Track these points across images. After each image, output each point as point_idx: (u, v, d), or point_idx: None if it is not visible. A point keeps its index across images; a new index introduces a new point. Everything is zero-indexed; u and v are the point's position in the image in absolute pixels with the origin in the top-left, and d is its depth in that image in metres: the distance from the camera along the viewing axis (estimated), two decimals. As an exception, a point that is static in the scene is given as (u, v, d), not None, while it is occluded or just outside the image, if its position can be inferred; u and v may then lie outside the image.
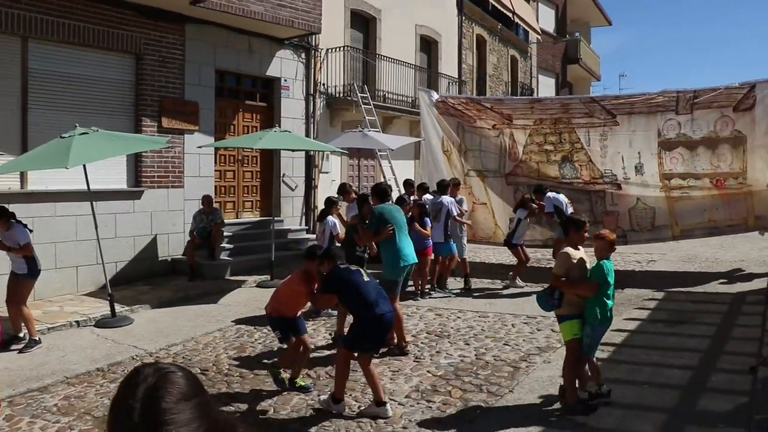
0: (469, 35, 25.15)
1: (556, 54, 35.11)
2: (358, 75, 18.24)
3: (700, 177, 12.85)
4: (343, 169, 17.89)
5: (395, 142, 15.21)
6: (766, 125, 12.32)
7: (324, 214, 10.46)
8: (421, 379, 6.93)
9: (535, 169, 13.76)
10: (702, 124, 12.74)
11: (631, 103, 13.28)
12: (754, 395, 6.08)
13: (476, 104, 14.40)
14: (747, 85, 12.45)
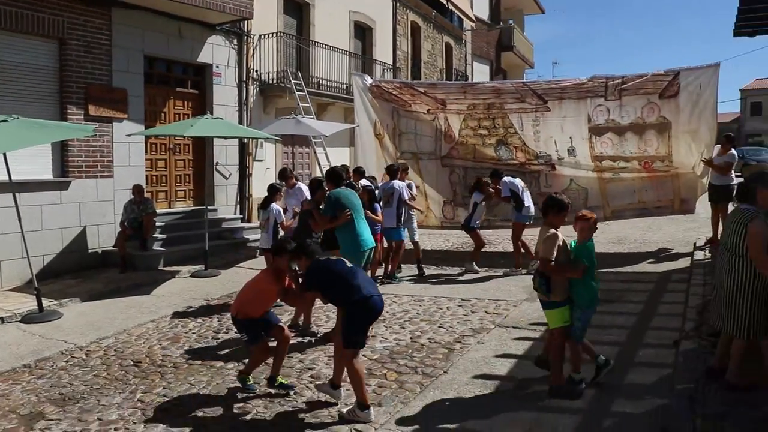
0: (403, 22, 25.14)
1: (490, 41, 35.40)
2: (292, 61, 18.07)
3: (630, 159, 13.13)
4: (277, 156, 17.71)
5: (329, 129, 15.12)
6: (690, 112, 12.65)
7: (267, 201, 10.13)
8: (357, 363, 6.92)
9: (471, 151, 13.83)
10: (630, 110, 13.01)
11: (561, 89, 13.45)
12: (676, 367, 6.27)
13: (410, 89, 14.40)
14: (671, 72, 12.76)
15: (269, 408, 5.84)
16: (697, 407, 5.26)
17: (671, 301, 9.05)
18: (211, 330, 8.47)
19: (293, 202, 10.79)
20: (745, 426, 4.90)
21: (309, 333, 8.10)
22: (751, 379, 5.61)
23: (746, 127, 65.79)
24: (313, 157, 17.73)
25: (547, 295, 5.85)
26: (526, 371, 6.51)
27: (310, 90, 17.63)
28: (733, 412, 5.14)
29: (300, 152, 18.70)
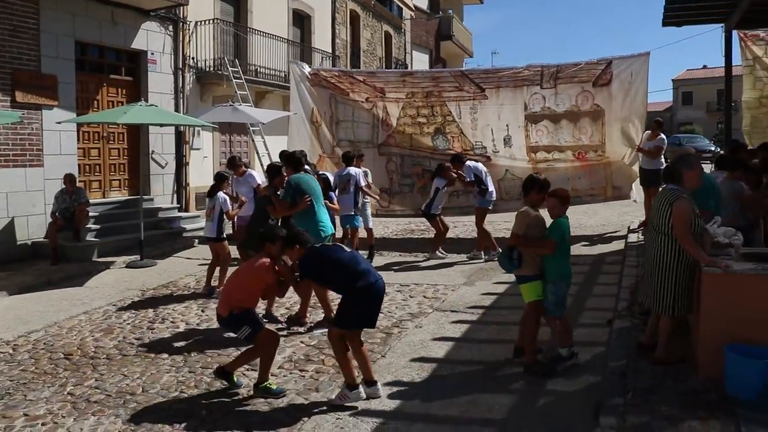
0: (342, 10, 25.02)
1: (429, 30, 35.48)
2: (230, 49, 17.85)
3: (564, 150, 13.36)
4: (215, 145, 17.49)
5: (267, 116, 14.97)
6: (622, 100, 12.95)
7: (214, 189, 9.82)
8: (295, 350, 6.88)
9: (408, 139, 13.84)
10: (565, 98, 13.25)
11: (498, 77, 13.60)
12: (609, 345, 6.42)
13: (349, 77, 14.35)
14: (604, 61, 13.03)
15: (206, 397, 5.76)
16: (628, 383, 5.38)
17: (605, 282, 9.25)
18: (146, 320, 8.31)
19: (244, 190, 10.56)
20: (672, 398, 5.04)
21: (300, 323, 7.87)
22: (678, 354, 5.77)
23: (678, 115, 67.53)
24: (251, 146, 17.53)
25: (512, 270, 6.06)
26: (463, 353, 6.58)
27: (248, 78, 17.43)
28: (661, 385, 5.29)
29: (238, 141, 18.49)
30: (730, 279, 5.23)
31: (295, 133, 14.19)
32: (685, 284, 5.61)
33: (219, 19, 17.28)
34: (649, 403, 4.99)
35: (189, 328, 7.90)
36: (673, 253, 5.59)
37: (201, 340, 7.40)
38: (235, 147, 18.32)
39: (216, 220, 9.50)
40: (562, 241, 5.93)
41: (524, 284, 6.05)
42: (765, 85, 14.17)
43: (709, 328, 5.33)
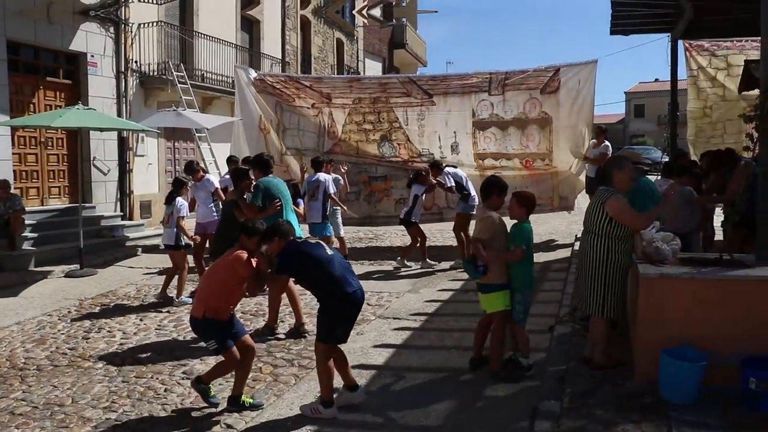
0: (293, 16, 24.83)
1: (383, 38, 35.50)
2: (175, 53, 17.53)
3: (511, 157, 13.37)
4: (160, 151, 17.17)
5: (212, 122, 14.71)
6: (569, 107, 12.99)
7: (172, 195, 9.51)
8: (231, 358, 6.70)
9: (354, 147, 13.71)
10: (513, 105, 13.26)
11: (446, 84, 13.58)
12: (549, 351, 6.42)
13: (295, 82, 14.17)
14: (552, 68, 13.09)
15: (137, 407, 5.60)
16: (566, 387, 5.36)
17: (550, 289, 9.23)
18: (81, 330, 8.07)
19: (202, 195, 10.30)
20: (609, 402, 5.02)
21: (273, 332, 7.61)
22: (616, 358, 5.75)
23: (631, 127, 68.62)
24: (197, 153, 17.24)
25: (477, 277, 5.81)
26: (403, 360, 6.53)
27: (193, 83, 17.17)
28: (598, 390, 5.28)
29: (184, 147, 18.18)
30: (667, 282, 5.22)
31: (240, 140, 13.91)
32: (614, 286, 5.60)
33: (163, 22, 16.97)
34: (585, 407, 4.97)
35: (125, 338, 7.68)
36: (602, 252, 5.59)
37: (137, 349, 7.21)
38: (181, 153, 18.02)
39: (174, 226, 9.24)
40: (528, 246, 5.83)
41: (491, 293, 5.82)
42: (709, 96, 14.42)
43: (646, 332, 5.32)
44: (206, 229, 10.05)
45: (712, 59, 14.10)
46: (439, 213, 13.25)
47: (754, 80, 10.17)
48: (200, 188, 10.40)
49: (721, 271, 5.27)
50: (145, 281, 10.81)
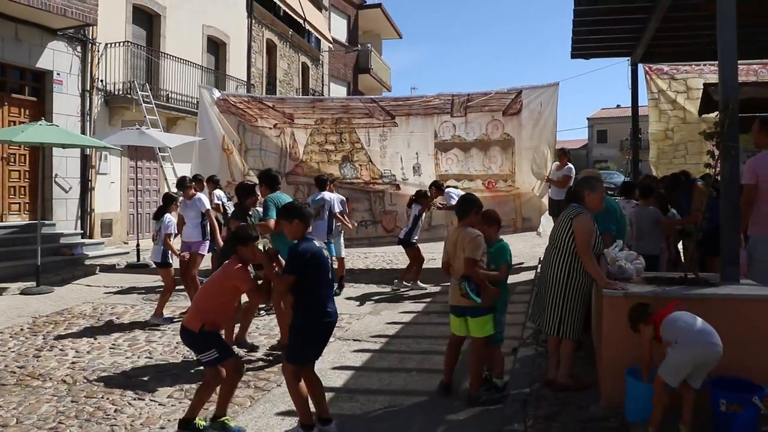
0: (259, 39, 24.88)
1: (348, 63, 35.66)
2: (141, 73, 17.46)
3: (474, 179, 13.41)
4: (123, 170, 17.01)
5: (175, 141, 14.61)
6: (531, 129, 13.08)
7: (161, 211, 9.13)
8: (187, 379, 6.58)
9: (316, 168, 13.64)
10: (475, 127, 13.32)
11: (409, 105, 13.61)
12: (512, 373, 6.32)
13: (258, 103, 14.11)
14: (514, 90, 13.18)
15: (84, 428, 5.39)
16: (529, 410, 5.29)
17: (513, 312, 9.10)
18: (33, 348, 7.82)
19: (191, 214, 9.97)
20: (572, 426, 4.94)
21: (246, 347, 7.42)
22: (582, 380, 5.71)
23: (594, 153, 69.57)
24: (161, 172, 17.12)
25: (477, 300, 5.47)
26: (362, 382, 6.42)
27: (159, 103, 17.09)
28: (562, 413, 5.20)
29: (147, 167, 18.02)
30: (630, 302, 5.08)
31: (203, 159, 13.81)
32: (573, 306, 5.57)
33: (130, 42, 16.90)
34: (548, 430, 4.90)
35: (78, 357, 7.44)
36: (565, 272, 5.56)
37: (89, 369, 6.98)
38: (144, 173, 17.86)
39: (162, 243, 8.99)
40: (510, 265, 5.81)
41: (482, 317, 5.61)
42: (670, 118, 14.63)
43: (610, 353, 5.26)
44: (191, 249, 9.70)
45: (672, 82, 14.36)
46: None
47: (714, 103, 10.38)
48: (190, 207, 10.08)
49: (686, 290, 5.24)
50: (102, 300, 10.62)
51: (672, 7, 9.09)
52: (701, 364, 4.49)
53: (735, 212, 5.58)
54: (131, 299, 10.62)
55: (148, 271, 13.34)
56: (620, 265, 5.61)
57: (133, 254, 14.55)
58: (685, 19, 9.98)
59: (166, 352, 7.58)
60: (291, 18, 26.77)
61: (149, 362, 7.15)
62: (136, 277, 12.70)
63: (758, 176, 6.04)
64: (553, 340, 5.76)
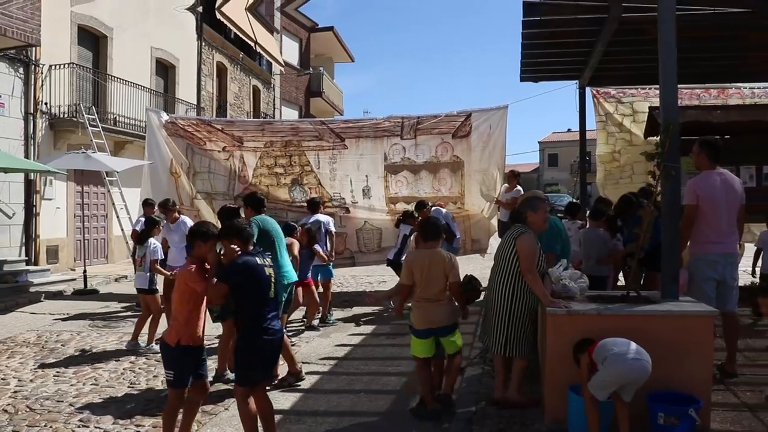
0: (209, 62, 24.76)
1: (299, 86, 35.67)
2: (87, 95, 17.18)
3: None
4: (69, 195, 16.69)
5: (122, 165, 14.40)
6: (481, 151, 13.17)
7: (144, 235, 8.77)
8: (134, 404, 6.43)
9: (265, 192, 13.54)
10: (425, 149, 13.36)
11: (359, 128, 13.60)
12: (459, 393, 6.31)
13: (207, 125, 13.97)
14: (464, 113, 13.28)
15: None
16: (474, 428, 5.28)
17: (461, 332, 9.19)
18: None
19: (175, 238, 9.79)
20: (516, 444, 4.92)
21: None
22: (528, 398, 5.72)
23: (545, 176, 70.52)
24: (108, 197, 16.84)
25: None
26: (310, 404, 6.35)
27: (106, 126, 16.87)
28: (507, 430, 5.21)
29: (95, 192, 17.72)
30: (573, 319, 5.19)
31: (153, 183, 13.60)
32: (519, 325, 5.60)
33: (76, 64, 16.65)
34: (492, 448, 4.85)
35: (20, 386, 7.22)
36: (510, 291, 5.59)
37: (32, 397, 6.78)
38: (91, 198, 17.55)
39: (147, 269, 8.62)
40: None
41: (452, 333, 5.79)
42: (617, 141, 14.84)
43: (554, 370, 5.28)
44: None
45: (618, 105, 14.59)
46: (351, 258, 13.24)
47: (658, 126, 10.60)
48: (174, 230, 9.94)
49: (627, 307, 5.31)
50: (47, 327, 10.36)
51: (617, 32, 9.28)
52: (629, 380, 4.63)
53: (675, 232, 5.69)
54: (77, 326, 10.38)
55: (95, 297, 13.10)
56: (564, 284, 5.65)
57: (80, 281, 14.22)
58: (631, 44, 10.18)
59: (112, 378, 7.41)
60: (242, 41, 26.70)
61: (94, 389, 6.98)
62: (83, 303, 12.42)
63: (699, 197, 6.18)
64: (500, 359, 5.78)
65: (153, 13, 20.61)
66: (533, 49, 10.77)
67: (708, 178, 6.29)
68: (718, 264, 6.16)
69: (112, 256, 18.30)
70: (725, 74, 12.81)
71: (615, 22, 8.88)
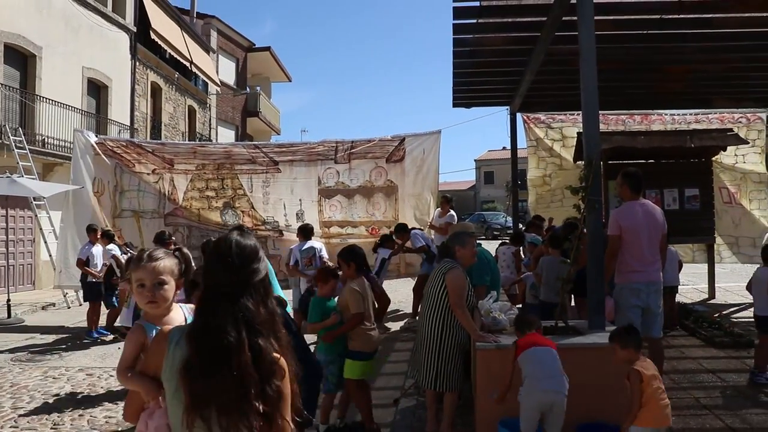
0: (143, 82, 24.41)
1: (236, 106, 35.43)
2: (14, 116, 16.75)
3: (357, 225, 13.43)
4: (-7, 220, 16.15)
5: (49, 190, 14.02)
6: (414, 176, 13.26)
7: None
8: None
9: (196, 214, 13.41)
10: (359, 174, 13.38)
11: (293, 152, 13.55)
12: (393, 425, 6.29)
13: (137, 147, 13.70)
14: (398, 138, 13.36)
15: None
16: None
17: (396, 360, 9.15)
18: None
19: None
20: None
21: None
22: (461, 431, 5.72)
23: (481, 193, 71.41)
24: (35, 222, 16.37)
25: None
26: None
27: (33, 148, 16.46)
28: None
29: (21, 216, 17.22)
30: (503, 353, 5.18)
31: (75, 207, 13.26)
32: (449, 359, 5.59)
33: (2, 84, 16.21)
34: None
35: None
36: (440, 325, 5.58)
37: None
38: (17, 222, 17.05)
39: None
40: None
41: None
42: (548, 165, 15.14)
43: (484, 403, 5.30)
44: None
45: (548, 131, 14.91)
46: (285, 279, 13.14)
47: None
48: None
49: (557, 339, 5.34)
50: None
51: (545, 62, 9.50)
52: (545, 409, 4.70)
53: (600, 262, 5.81)
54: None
55: (18, 328, 12.61)
56: (494, 317, 5.71)
57: (2, 309, 13.71)
58: (557, 73, 10.45)
59: (33, 420, 7.05)
60: (177, 60, 26.40)
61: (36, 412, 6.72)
62: (3, 336, 11.87)
63: (621, 227, 6.33)
64: (431, 393, 5.78)
65: (85, 32, 20.25)
66: (464, 77, 10.95)
67: (630, 208, 6.45)
68: (641, 292, 6.31)
69: (40, 282, 17.78)
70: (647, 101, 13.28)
71: (543, 53, 9.09)
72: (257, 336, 2.30)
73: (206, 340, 2.28)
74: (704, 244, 12.80)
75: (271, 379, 2.29)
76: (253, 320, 2.31)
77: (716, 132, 12.35)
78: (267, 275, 2.46)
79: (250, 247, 2.42)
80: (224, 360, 2.24)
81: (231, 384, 2.23)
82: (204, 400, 2.23)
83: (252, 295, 2.34)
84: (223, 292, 2.33)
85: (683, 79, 11.09)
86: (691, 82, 11.49)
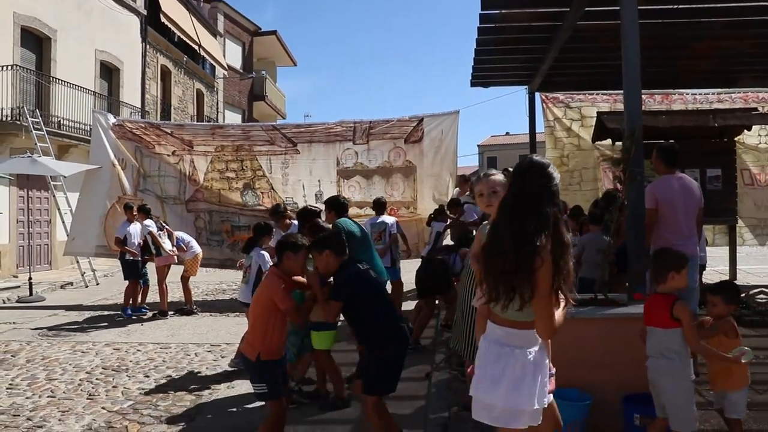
0: (153, 65, 24.42)
1: (242, 90, 35.39)
2: (30, 98, 16.79)
3: None
4: (12, 200, 16.25)
5: (69, 169, 14.09)
6: (433, 156, 13.28)
7: (251, 244, 7.88)
8: (95, 417, 6.26)
9: (217, 195, 13.44)
10: (377, 154, 13.42)
11: (311, 132, 13.59)
12: (428, 398, 6.33)
13: (156, 129, 13.79)
14: (416, 118, 13.37)
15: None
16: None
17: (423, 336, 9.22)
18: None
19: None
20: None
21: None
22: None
23: (484, 179, 71.12)
24: (52, 202, 16.42)
25: None
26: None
27: (50, 130, 16.47)
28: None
29: (38, 197, 17.29)
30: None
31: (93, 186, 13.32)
32: None
33: (18, 66, 16.22)
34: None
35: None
36: (474, 298, 5.61)
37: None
38: (34, 203, 17.13)
39: (252, 281, 7.48)
40: None
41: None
42: (565, 145, 15.07)
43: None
44: None
45: (567, 110, 14.83)
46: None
47: (607, 130, 10.80)
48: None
49: (598, 310, 5.35)
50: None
51: (570, 39, 9.43)
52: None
53: (640, 235, 5.81)
54: (26, 335, 10.07)
55: (41, 306, 12.72)
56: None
57: (24, 288, 13.81)
58: (582, 50, 10.36)
59: (69, 390, 7.17)
60: (186, 44, 26.40)
61: (52, 401, 6.76)
62: (28, 312, 12.04)
63: (657, 200, 6.33)
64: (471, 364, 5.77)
65: (97, 15, 20.24)
66: (486, 55, 10.88)
67: (666, 181, 6.45)
68: (680, 266, 6.31)
69: (56, 262, 17.86)
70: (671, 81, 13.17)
71: (570, 30, 9.03)
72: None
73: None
74: (725, 225, 12.75)
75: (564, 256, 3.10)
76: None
77: (740, 111, 12.25)
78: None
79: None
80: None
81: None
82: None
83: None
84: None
85: (710, 56, 10.99)
86: (717, 60, 11.37)
